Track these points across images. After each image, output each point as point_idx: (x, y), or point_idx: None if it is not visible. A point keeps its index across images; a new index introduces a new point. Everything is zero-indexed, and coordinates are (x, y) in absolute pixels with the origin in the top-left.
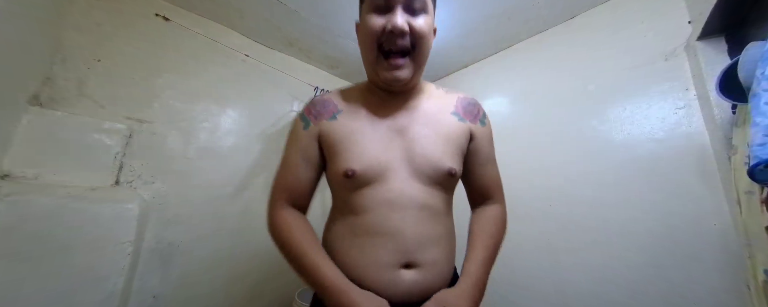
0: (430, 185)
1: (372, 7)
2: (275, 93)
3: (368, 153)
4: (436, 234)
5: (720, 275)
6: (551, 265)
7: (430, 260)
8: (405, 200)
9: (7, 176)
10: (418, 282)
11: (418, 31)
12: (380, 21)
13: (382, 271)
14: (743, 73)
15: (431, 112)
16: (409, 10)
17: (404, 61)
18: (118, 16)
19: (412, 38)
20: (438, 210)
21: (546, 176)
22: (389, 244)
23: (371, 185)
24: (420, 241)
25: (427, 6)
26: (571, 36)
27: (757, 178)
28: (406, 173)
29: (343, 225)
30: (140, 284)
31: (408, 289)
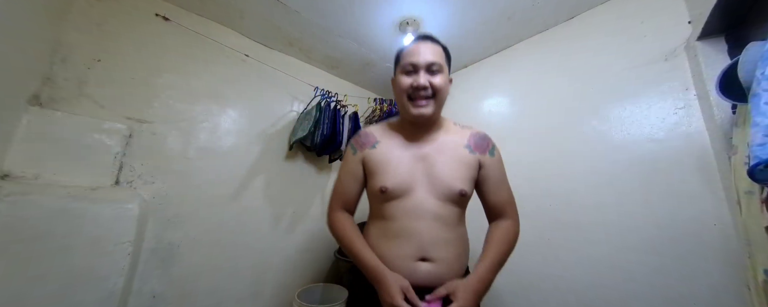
0: (444, 200)
1: (403, 71)
2: (275, 93)
3: (397, 175)
4: (446, 238)
5: (720, 274)
6: (551, 264)
7: (441, 257)
8: (423, 211)
9: (7, 176)
10: (431, 272)
11: (436, 86)
12: (409, 80)
13: (405, 262)
14: (743, 73)
15: (448, 144)
16: (429, 71)
17: (426, 102)
18: (118, 16)
19: (433, 90)
20: (450, 220)
21: (546, 176)
22: (410, 243)
23: (398, 198)
24: (433, 242)
25: (443, 68)
26: (571, 36)
27: (757, 178)
28: (426, 190)
29: (378, 227)
30: (140, 284)
31: (424, 276)
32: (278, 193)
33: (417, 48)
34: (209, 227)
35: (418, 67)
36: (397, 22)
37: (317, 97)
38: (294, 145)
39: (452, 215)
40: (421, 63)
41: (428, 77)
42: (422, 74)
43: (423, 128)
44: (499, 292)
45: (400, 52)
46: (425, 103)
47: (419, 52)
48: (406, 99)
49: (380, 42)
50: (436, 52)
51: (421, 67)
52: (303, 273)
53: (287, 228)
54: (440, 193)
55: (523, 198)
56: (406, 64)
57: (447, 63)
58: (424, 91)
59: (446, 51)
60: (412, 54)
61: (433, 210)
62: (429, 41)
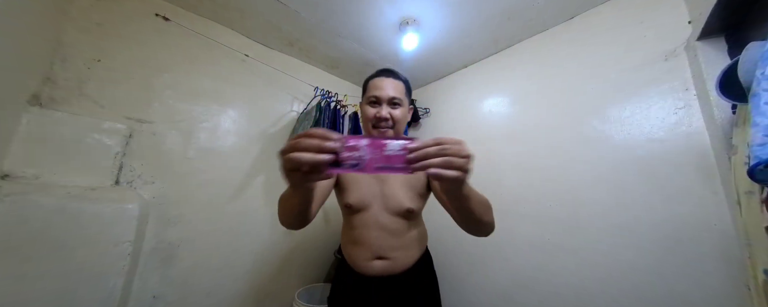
0: (394, 215)
1: (368, 102)
2: (275, 93)
3: (359, 193)
4: (395, 244)
5: (720, 275)
6: (551, 265)
7: (391, 256)
8: (376, 223)
9: (7, 176)
10: (385, 268)
11: (395, 117)
12: (373, 111)
13: (364, 261)
14: (743, 73)
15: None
16: (390, 104)
17: (387, 130)
18: (118, 16)
19: (393, 121)
20: (400, 230)
21: (546, 176)
22: (367, 247)
23: (359, 212)
24: (385, 247)
25: (403, 102)
26: (571, 36)
27: (757, 178)
28: (379, 207)
29: (346, 234)
30: (140, 284)
31: (378, 270)
32: (278, 193)
33: (381, 83)
34: (209, 227)
35: (381, 100)
36: (397, 22)
37: (317, 97)
38: None
39: (401, 226)
40: (383, 97)
41: (389, 109)
42: (384, 107)
43: None
44: (499, 292)
45: (367, 84)
46: (385, 130)
47: (383, 87)
48: (371, 126)
49: (380, 42)
50: (398, 88)
51: (383, 100)
52: (303, 273)
53: None
54: (391, 209)
55: (522, 198)
56: (371, 96)
57: (407, 96)
58: (386, 123)
59: (407, 84)
60: (377, 88)
61: (384, 223)
62: (391, 77)
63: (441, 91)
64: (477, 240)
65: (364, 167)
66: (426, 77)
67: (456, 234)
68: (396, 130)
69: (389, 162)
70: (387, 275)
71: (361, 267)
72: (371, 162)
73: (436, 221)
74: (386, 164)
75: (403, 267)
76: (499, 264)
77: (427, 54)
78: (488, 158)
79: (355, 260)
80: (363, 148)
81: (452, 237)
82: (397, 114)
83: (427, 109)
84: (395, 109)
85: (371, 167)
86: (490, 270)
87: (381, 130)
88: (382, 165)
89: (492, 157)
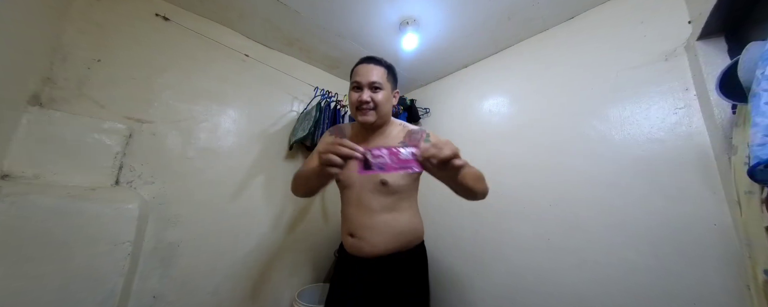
0: (372, 192)
1: (352, 88)
2: (275, 93)
3: (346, 170)
4: (366, 222)
5: (720, 275)
6: (551, 265)
7: (361, 235)
8: (356, 200)
9: (7, 176)
10: (354, 244)
11: (376, 100)
12: (355, 95)
13: (344, 236)
14: (743, 73)
15: (387, 143)
16: (372, 89)
17: (369, 112)
18: (118, 16)
19: (374, 103)
20: (373, 209)
21: (546, 176)
22: (346, 223)
23: (347, 188)
24: (356, 224)
25: (384, 86)
26: (571, 36)
27: (757, 178)
28: (359, 185)
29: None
30: (140, 284)
31: (351, 245)
32: (278, 193)
33: (362, 69)
34: (209, 227)
35: (362, 85)
36: (397, 22)
37: (317, 97)
38: (294, 146)
39: (376, 204)
40: (364, 82)
41: (371, 93)
42: (366, 91)
43: (371, 130)
44: (499, 292)
45: (352, 71)
46: (369, 112)
47: (363, 73)
48: (355, 109)
49: (380, 42)
50: (379, 73)
51: (364, 85)
52: (303, 273)
53: (287, 228)
54: (367, 186)
55: (522, 198)
56: (354, 82)
57: (390, 81)
58: (367, 105)
59: (390, 70)
60: (358, 74)
61: (361, 199)
62: (372, 63)
63: (441, 91)
64: (476, 240)
65: (386, 168)
66: (426, 77)
67: (454, 234)
68: (379, 113)
69: (404, 164)
70: (359, 254)
71: (343, 242)
72: (391, 165)
73: (434, 220)
74: (402, 165)
75: (374, 249)
76: (499, 264)
77: (426, 54)
78: (488, 157)
79: (343, 235)
80: (384, 156)
81: (451, 237)
82: (378, 97)
83: (427, 109)
84: (376, 93)
85: (392, 168)
86: (490, 270)
87: (363, 112)
88: (398, 166)
89: (492, 157)
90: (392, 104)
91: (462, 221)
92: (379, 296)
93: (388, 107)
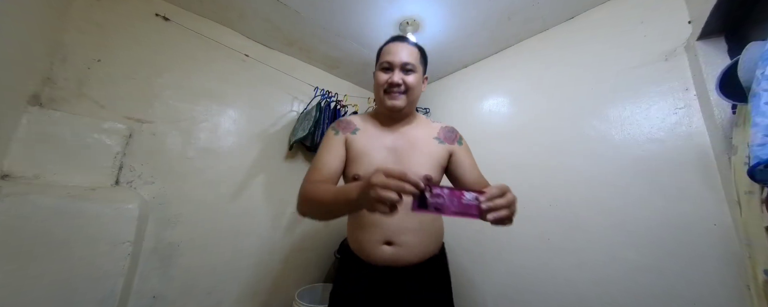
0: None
1: (381, 68)
2: (275, 93)
3: (370, 164)
4: (410, 226)
5: (720, 275)
6: (552, 265)
7: (403, 242)
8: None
9: (7, 176)
10: (394, 254)
11: (408, 83)
12: (385, 76)
13: (373, 246)
14: (743, 73)
15: (419, 137)
16: (404, 70)
17: (400, 96)
18: (118, 16)
19: (406, 87)
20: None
21: (546, 176)
22: (379, 230)
23: None
24: (398, 229)
25: (416, 68)
26: (571, 36)
27: (757, 178)
28: None
29: (353, 217)
30: (140, 284)
31: (388, 257)
32: (278, 193)
33: (394, 48)
34: (209, 227)
35: (393, 66)
36: (397, 22)
37: (317, 97)
38: (294, 146)
39: None
40: (396, 62)
41: (402, 75)
42: (397, 72)
43: (396, 120)
44: (500, 292)
45: (380, 50)
46: (398, 96)
47: (396, 52)
48: (383, 93)
49: (380, 42)
50: (412, 53)
51: (396, 65)
52: (303, 273)
53: (287, 228)
54: None
55: (523, 198)
56: (384, 62)
57: (422, 63)
58: (398, 88)
59: (422, 52)
60: (389, 53)
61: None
62: (405, 42)
63: (441, 91)
64: (476, 240)
65: (443, 210)
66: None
67: (454, 233)
68: (409, 98)
69: (465, 209)
70: (397, 265)
71: (369, 254)
72: (450, 207)
73: None
74: (462, 210)
75: (414, 257)
76: (499, 264)
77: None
78: (488, 157)
79: (362, 245)
80: (445, 196)
81: (450, 237)
82: (410, 80)
83: (427, 109)
84: (408, 75)
85: (450, 210)
86: (490, 270)
87: (392, 96)
88: (458, 210)
89: (492, 157)
90: (420, 92)
91: (462, 221)
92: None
93: (418, 93)
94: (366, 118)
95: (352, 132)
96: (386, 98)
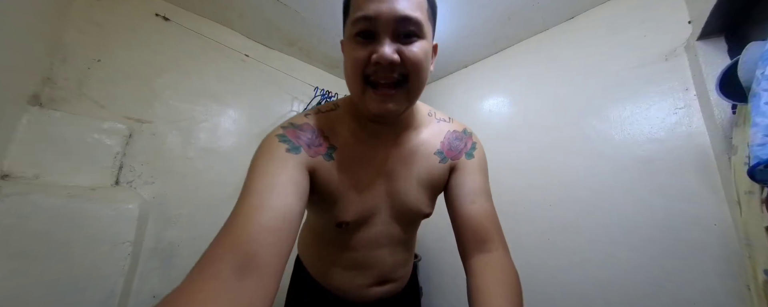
0: (405, 224)
1: (355, 31)
2: (275, 93)
3: (359, 204)
4: (405, 259)
5: (720, 275)
6: (552, 265)
7: (399, 277)
8: (385, 239)
9: (7, 176)
10: (388, 291)
11: (411, 59)
12: (363, 53)
13: (362, 290)
14: (743, 73)
15: (418, 151)
16: (400, 35)
17: (395, 91)
18: (118, 16)
19: (404, 68)
20: (409, 240)
21: (546, 176)
22: (371, 272)
23: (360, 228)
24: (394, 266)
25: (423, 28)
26: (571, 36)
27: (757, 178)
28: (388, 215)
29: (333, 258)
30: (140, 284)
31: (380, 295)
32: None
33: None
34: (209, 227)
35: (377, 29)
36: None
37: (317, 97)
38: None
39: (412, 235)
40: (383, 17)
41: (398, 46)
42: (387, 42)
43: (388, 125)
44: None
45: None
46: (393, 92)
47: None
48: (361, 82)
49: None
50: (414, 3)
51: (384, 26)
52: None
53: None
54: (403, 218)
55: (523, 199)
56: (359, 19)
57: (431, 20)
58: (390, 73)
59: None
60: (368, 3)
61: (395, 236)
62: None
63: (441, 91)
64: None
65: None
66: None
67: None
68: (413, 86)
69: None
70: (385, 297)
71: (353, 297)
72: None
73: (429, 220)
74: None
75: (404, 284)
76: None
77: None
78: (488, 158)
79: (344, 287)
80: None
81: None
82: (414, 53)
83: None
84: (411, 44)
85: None
86: None
87: (383, 94)
88: None
89: (492, 157)
90: (428, 75)
91: None
92: None
93: (426, 77)
94: (337, 122)
95: (325, 155)
96: (371, 96)
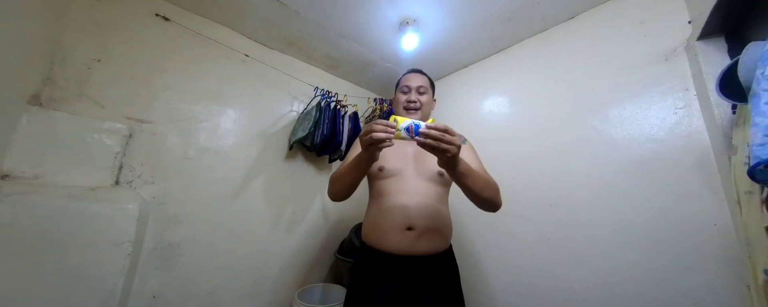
0: (426, 180)
1: (400, 91)
2: (275, 93)
3: (392, 159)
4: (430, 210)
5: (720, 275)
6: (551, 264)
7: (423, 226)
8: (411, 188)
9: (7, 176)
10: (414, 240)
11: (422, 101)
12: (404, 97)
13: (397, 231)
14: (743, 73)
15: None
16: (418, 92)
17: (415, 111)
18: (118, 16)
19: (420, 103)
20: (432, 196)
21: (546, 176)
22: (400, 214)
23: (392, 177)
24: (418, 212)
25: (428, 91)
26: (571, 36)
27: (757, 178)
28: (412, 172)
29: (374, 206)
30: (140, 284)
31: (408, 245)
32: (278, 193)
33: (410, 77)
34: (209, 227)
35: (410, 89)
36: (397, 22)
37: (317, 97)
38: (294, 146)
39: (434, 192)
40: (412, 86)
41: (417, 96)
42: (413, 93)
43: None
44: (500, 291)
45: (400, 79)
46: (414, 112)
47: (412, 79)
48: (402, 109)
49: (380, 42)
50: (424, 80)
51: (412, 88)
52: (303, 273)
53: (287, 228)
54: (423, 175)
55: (523, 198)
56: (403, 86)
57: (431, 88)
58: (414, 104)
59: (431, 81)
60: (407, 80)
61: (418, 187)
62: (419, 73)
63: (440, 91)
64: (476, 241)
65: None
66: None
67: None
68: (423, 113)
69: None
70: (414, 253)
71: (390, 241)
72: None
73: None
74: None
75: (429, 247)
76: (499, 264)
77: (426, 54)
78: (488, 158)
79: (383, 232)
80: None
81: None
82: (423, 99)
83: None
84: (422, 95)
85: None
86: (490, 270)
87: (410, 111)
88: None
89: (492, 157)
90: (431, 109)
91: (463, 222)
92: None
93: (429, 109)
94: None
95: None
96: (405, 113)
